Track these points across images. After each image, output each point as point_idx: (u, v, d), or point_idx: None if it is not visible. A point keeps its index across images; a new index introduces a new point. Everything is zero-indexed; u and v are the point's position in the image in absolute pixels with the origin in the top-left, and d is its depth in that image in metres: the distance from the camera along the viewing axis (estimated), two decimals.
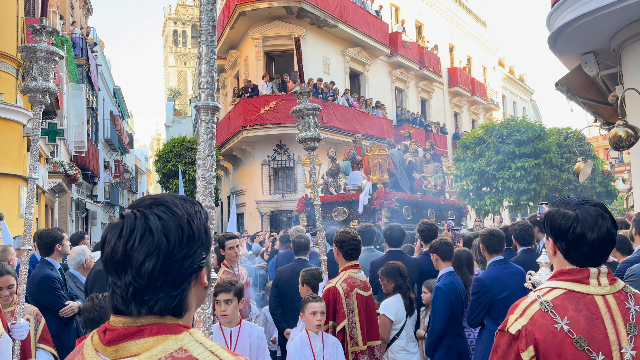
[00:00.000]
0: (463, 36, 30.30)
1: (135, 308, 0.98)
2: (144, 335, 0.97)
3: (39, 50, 2.74)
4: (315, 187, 3.92)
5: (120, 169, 32.92)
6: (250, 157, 18.63)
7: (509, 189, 16.45)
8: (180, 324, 1.02)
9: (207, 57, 1.82)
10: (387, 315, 3.98)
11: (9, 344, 2.67)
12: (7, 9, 10.29)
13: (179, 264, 1.00)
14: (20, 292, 2.82)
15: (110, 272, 1.00)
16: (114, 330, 0.99)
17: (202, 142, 1.79)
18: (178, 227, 1.01)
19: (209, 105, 1.80)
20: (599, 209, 1.63)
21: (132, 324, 0.99)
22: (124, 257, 0.97)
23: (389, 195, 10.04)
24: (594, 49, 7.16)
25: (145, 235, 0.98)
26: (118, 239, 0.99)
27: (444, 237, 4.36)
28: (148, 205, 1.03)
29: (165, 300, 0.99)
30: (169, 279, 0.99)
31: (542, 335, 1.52)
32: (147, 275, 0.97)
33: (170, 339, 0.98)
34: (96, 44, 23.07)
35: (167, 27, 78.45)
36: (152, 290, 0.98)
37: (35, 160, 2.92)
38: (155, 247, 0.97)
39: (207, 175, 1.80)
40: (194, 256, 1.03)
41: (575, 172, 8.23)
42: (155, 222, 0.99)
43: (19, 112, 10.04)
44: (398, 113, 23.13)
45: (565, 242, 1.62)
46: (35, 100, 2.82)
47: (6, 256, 3.99)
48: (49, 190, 14.61)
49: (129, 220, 1.00)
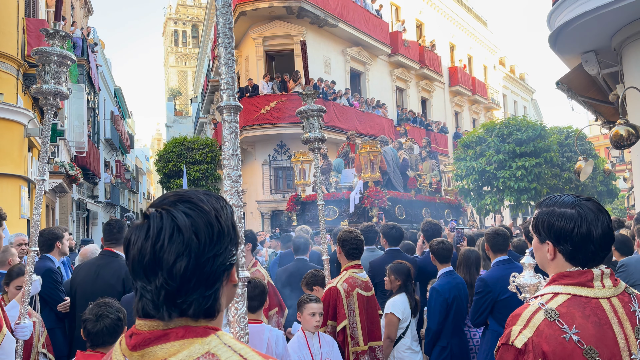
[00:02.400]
0: (463, 35, 30.28)
1: (167, 312, 0.93)
2: (170, 339, 0.93)
3: (52, 54, 2.77)
4: (318, 186, 3.91)
5: (121, 169, 32.95)
6: (250, 157, 18.63)
7: (510, 188, 16.44)
8: (209, 326, 0.97)
9: (225, 59, 1.87)
10: (394, 314, 3.99)
11: (12, 344, 2.69)
12: (8, 9, 10.30)
13: (211, 263, 0.95)
14: (25, 293, 2.84)
15: (139, 276, 0.95)
16: (139, 335, 0.95)
17: (227, 141, 1.83)
18: (207, 224, 0.96)
19: (231, 105, 1.84)
20: (596, 204, 1.55)
21: (158, 328, 0.94)
22: (152, 259, 0.92)
23: (380, 194, 9.83)
24: (594, 48, 7.16)
25: (174, 234, 0.93)
26: (145, 240, 0.93)
27: (443, 239, 4.37)
28: (172, 202, 0.98)
29: (200, 302, 0.95)
30: (202, 279, 0.95)
31: (550, 347, 1.40)
32: (179, 277, 0.92)
33: (197, 342, 0.93)
34: (96, 44, 23.09)
35: (167, 27, 78.42)
36: (185, 292, 0.93)
37: (45, 161, 2.95)
38: (186, 247, 0.92)
39: (233, 174, 1.82)
40: (225, 253, 0.99)
41: (576, 171, 8.23)
42: (183, 220, 0.94)
43: (19, 112, 10.04)
44: (399, 112, 23.12)
45: (571, 243, 1.51)
46: (47, 103, 2.85)
47: (7, 257, 3.99)
48: (50, 191, 14.62)
49: (155, 220, 0.95)
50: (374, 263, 4.89)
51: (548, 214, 1.56)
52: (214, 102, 27.06)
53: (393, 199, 10.43)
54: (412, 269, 4.21)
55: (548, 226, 1.56)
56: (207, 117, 31.17)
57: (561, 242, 1.53)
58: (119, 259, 3.86)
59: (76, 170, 16.09)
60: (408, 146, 13.25)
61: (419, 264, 4.92)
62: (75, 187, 18.87)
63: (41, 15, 13.44)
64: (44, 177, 2.91)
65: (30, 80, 11.19)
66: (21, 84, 10.85)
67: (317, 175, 3.78)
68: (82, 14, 23.98)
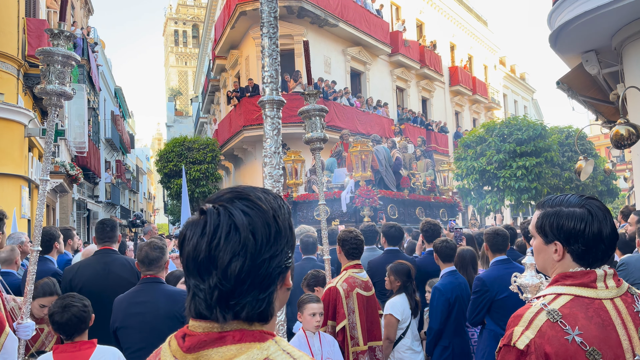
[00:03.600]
0: (464, 35, 30.26)
1: (221, 313, 0.90)
2: (226, 343, 0.89)
3: (57, 54, 2.77)
4: (320, 186, 3.91)
5: (121, 169, 32.96)
6: (251, 157, 18.63)
7: (510, 188, 16.44)
8: (265, 330, 0.93)
9: (269, 50, 1.76)
10: (393, 315, 3.98)
11: (14, 344, 2.68)
12: (8, 9, 10.30)
13: (267, 265, 0.91)
14: (27, 292, 2.82)
15: (192, 274, 0.91)
16: (193, 336, 0.91)
17: (268, 138, 1.72)
18: (265, 223, 0.92)
19: (274, 100, 1.73)
20: (601, 203, 1.53)
21: (213, 330, 0.90)
22: (207, 257, 0.89)
23: (371, 193, 9.73)
24: (595, 47, 7.15)
25: (230, 232, 0.89)
26: (201, 237, 0.90)
27: (447, 238, 4.37)
28: (229, 199, 0.94)
29: (253, 305, 0.91)
30: (257, 281, 0.91)
31: (553, 348, 1.39)
32: (233, 278, 0.88)
33: (255, 347, 0.89)
34: (97, 44, 23.09)
35: (167, 27, 78.44)
36: (238, 294, 0.90)
37: (48, 162, 2.95)
38: (242, 246, 0.89)
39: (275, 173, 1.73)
40: (281, 255, 0.94)
41: (576, 171, 8.23)
42: (240, 219, 0.90)
43: (20, 112, 10.05)
44: (399, 112, 23.11)
45: (582, 242, 1.48)
46: (51, 103, 2.84)
47: (14, 256, 3.98)
48: (51, 191, 14.63)
49: (212, 216, 0.91)
50: (372, 263, 4.88)
51: (555, 214, 1.53)
52: (214, 102, 27.06)
53: (385, 199, 10.32)
54: (413, 269, 4.21)
55: (557, 227, 1.52)
56: (207, 117, 31.17)
57: (572, 243, 1.50)
58: (120, 255, 3.97)
59: (77, 170, 16.10)
60: (402, 145, 13.09)
61: (418, 264, 4.92)
62: (76, 187, 18.88)
63: (42, 15, 13.44)
64: (47, 177, 2.91)
65: (30, 80, 11.20)
66: (21, 84, 10.85)
67: (318, 174, 3.77)
68: (82, 14, 23.98)
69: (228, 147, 19.21)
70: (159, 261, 3.24)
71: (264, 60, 1.73)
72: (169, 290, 3.23)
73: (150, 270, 3.24)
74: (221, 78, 23.71)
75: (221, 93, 23.89)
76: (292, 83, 17.28)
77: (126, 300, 3.15)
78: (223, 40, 20.08)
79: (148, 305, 3.11)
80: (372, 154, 10.45)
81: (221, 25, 20.32)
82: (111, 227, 3.94)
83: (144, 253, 3.23)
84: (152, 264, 3.23)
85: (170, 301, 3.14)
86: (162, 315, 3.09)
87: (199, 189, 18.25)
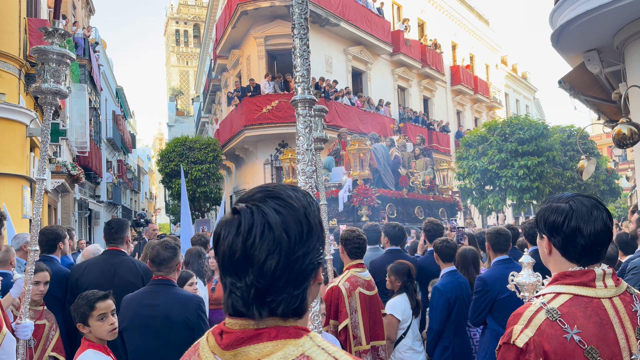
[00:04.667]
0: (465, 34, 30.22)
1: (257, 310, 0.92)
2: (263, 340, 0.91)
3: (51, 53, 2.75)
4: (321, 186, 3.91)
5: (122, 168, 32.98)
6: (252, 157, 18.63)
7: (512, 187, 16.42)
8: (300, 326, 0.96)
9: (300, 50, 1.83)
10: (394, 315, 3.98)
11: (12, 344, 2.67)
12: (10, 9, 10.31)
13: (301, 261, 0.94)
14: (26, 292, 2.82)
15: (229, 272, 0.94)
16: (231, 333, 0.94)
17: (301, 136, 1.77)
18: (297, 221, 0.94)
19: (306, 99, 1.79)
20: (593, 200, 1.57)
21: (249, 327, 0.93)
22: (243, 255, 0.91)
23: (369, 192, 9.67)
24: (597, 47, 7.13)
25: (265, 231, 0.91)
26: (236, 236, 0.92)
27: (448, 237, 4.36)
28: (261, 198, 0.96)
29: (288, 301, 0.93)
30: (292, 278, 0.93)
31: (551, 346, 1.42)
32: (269, 275, 0.91)
33: (291, 344, 0.91)
34: (98, 44, 23.10)
35: (169, 26, 78.51)
36: (274, 291, 0.92)
37: (45, 161, 2.93)
38: (277, 244, 0.91)
39: (307, 169, 1.76)
40: (313, 252, 0.97)
41: (578, 170, 8.21)
42: (274, 217, 0.92)
43: (21, 112, 10.06)
44: (400, 112, 23.09)
45: (561, 235, 1.54)
46: (46, 102, 2.83)
47: (9, 256, 3.98)
48: (52, 191, 14.64)
49: (246, 216, 0.93)
50: (374, 263, 4.87)
51: (545, 209, 1.61)
52: (216, 102, 27.07)
53: (383, 198, 10.26)
54: (413, 269, 4.20)
55: (544, 220, 1.60)
56: (208, 116, 31.18)
57: (553, 235, 1.57)
58: (128, 257, 3.93)
59: (78, 170, 16.11)
60: (401, 143, 13.03)
61: (420, 263, 4.91)
62: (77, 186, 18.90)
63: (43, 15, 13.45)
64: (44, 176, 2.89)
65: (32, 80, 11.20)
66: (23, 84, 10.86)
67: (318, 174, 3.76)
68: (83, 14, 24.00)
69: (229, 146, 19.22)
70: (170, 262, 3.12)
71: (295, 61, 1.82)
72: (180, 295, 3.10)
73: (160, 270, 3.11)
74: (222, 78, 23.72)
75: (222, 93, 23.90)
76: (293, 83, 17.26)
77: (135, 301, 3.05)
78: (224, 40, 20.09)
79: (158, 309, 2.99)
80: (370, 153, 10.39)
81: (222, 25, 20.33)
82: (117, 229, 3.89)
83: (155, 252, 3.12)
84: (163, 264, 3.10)
85: (181, 307, 3.01)
86: (172, 320, 2.98)
87: (200, 188, 18.25)
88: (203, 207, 19.21)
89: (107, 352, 2.70)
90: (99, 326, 2.66)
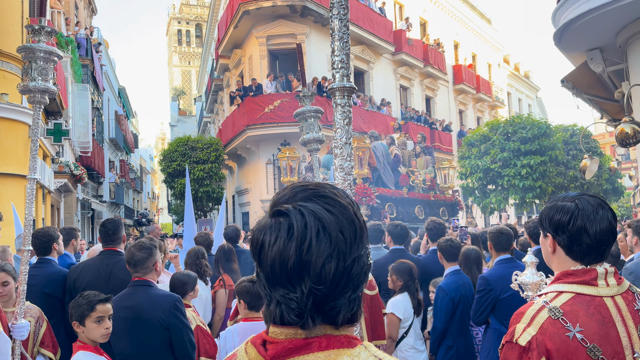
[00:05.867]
0: (468, 33, 30.17)
1: (311, 319, 0.84)
2: (313, 350, 0.84)
3: (38, 50, 2.72)
4: None
5: (125, 168, 33.05)
6: (254, 156, 18.64)
7: (515, 186, 16.40)
8: (351, 335, 0.88)
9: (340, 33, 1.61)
10: (395, 314, 3.97)
11: (7, 344, 2.66)
12: (12, 9, 10.33)
13: (357, 263, 0.86)
14: (21, 293, 2.78)
15: (279, 283, 0.85)
16: (277, 343, 0.86)
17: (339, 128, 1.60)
18: (350, 220, 0.87)
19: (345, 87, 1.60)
20: (598, 200, 1.57)
21: (297, 336, 0.85)
22: (298, 262, 0.82)
23: (368, 191, 9.53)
24: (599, 45, 7.11)
25: (320, 233, 0.83)
26: (288, 241, 0.83)
27: (451, 236, 4.35)
28: (307, 198, 0.87)
29: (347, 307, 0.86)
30: (349, 282, 0.86)
31: (554, 345, 1.42)
32: (329, 281, 0.83)
33: (345, 354, 0.84)
34: (100, 44, 23.14)
35: (171, 26, 78.58)
36: (333, 298, 0.84)
37: (35, 159, 2.88)
38: (334, 247, 0.83)
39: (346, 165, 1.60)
40: (365, 252, 0.89)
41: (581, 170, 8.19)
42: (327, 217, 0.84)
43: (24, 112, 10.08)
44: (402, 111, 23.07)
45: (567, 234, 1.53)
46: (34, 101, 2.80)
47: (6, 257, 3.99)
48: (55, 191, 14.67)
49: (297, 217, 0.84)
50: (377, 262, 4.86)
51: (550, 207, 1.61)
52: (218, 102, 27.09)
53: (383, 197, 10.11)
54: (415, 268, 4.19)
55: (549, 219, 1.60)
56: (211, 116, 31.22)
57: (558, 234, 1.56)
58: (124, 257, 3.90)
59: (81, 170, 16.14)
60: (401, 142, 12.81)
61: (423, 263, 4.90)
62: (80, 186, 18.94)
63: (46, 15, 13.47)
64: (35, 175, 2.85)
65: None
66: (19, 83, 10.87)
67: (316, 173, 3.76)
68: (86, 14, 24.05)
69: (231, 146, 19.23)
70: (145, 262, 3.10)
71: (333, 44, 1.60)
72: (153, 295, 3.09)
73: (137, 272, 3.11)
74: (224, 77, 23.73)
75: (225, 92, 23.91)
76: (295, 82, 17.28)
77: (115, 304, 3.01)
78: (226, 39, 20.09)
79: (133, 310, 3.00)
80: (369, 151, 10.22)
81: (224, 25, 20.34)
82: (113, 230, 3.89)
83: (130, 254, 3.12)
84: (138, 266, 3.10)
85: (152, 306, 3.01)
86: (145, 321, 2.97)
87: (203, 188, 18.27)
88: (205, 207, 19.23)
89: (100, 353, 2.70)
90: (94, 328, 2.67)
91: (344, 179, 1.61)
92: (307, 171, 10.86)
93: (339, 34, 1.60)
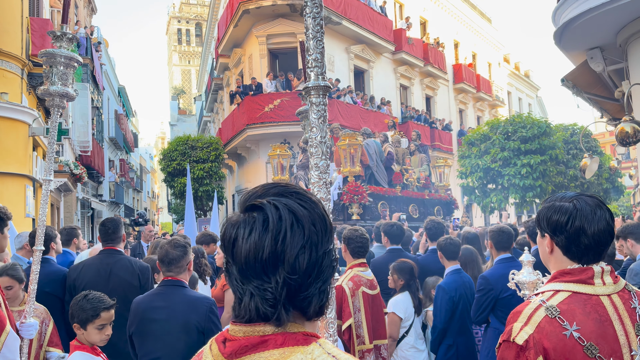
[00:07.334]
0: (468, 32, 30.15)
1: (285, 310, 0.87)
2: (268, 347, 0.86)
3: (59, 56, 2.79)
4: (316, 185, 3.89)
5: (125, 167, 33.05)
6: (254, 156, 18.64)
7: (515, 185, 16.39)
8: (307, 332, 0.90)
9: (313, 32, 1.61)
10: (396, 313, 3.97)
11: (16, 342, 2.67)
12: (12, 9, 10.33)
13: (327, 256, 0.91)
14: (31, 292, 2.82)
15: (253, 275, 0.88)
16: (234, 341, 0.88)
17: (314, 127, 1.59)
18: (320, 215, 0.92)
19: (320, 86, 1.60)
20: (596, 200, 1.57)
21: (253, 334, 0.88)
22: (273, 252, 0.86)
23: (360, 189, 9.36)
24: (600, 45, 7.11)
25: (294, 225, 0.88)
26: (264, 233, 0.87)
27: (451, 236, 4.34)
28: (279, 193, 0.92)
29: (317, 298, 0.90)
30: (320, 274, 0.90)
31: (551, 343, 1.42)
32: (302, 271, 0.87)
33: (298, 351, 0.86)
34: (100, 43, 23.13)
35: (171, 25, 78.53)
36: (305, 288, 0.88)
37: (51, 161, 2.97)
38: (307, 238, 0.88)
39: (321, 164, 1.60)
40: (333, 247, 0.94)
41: (581, 169, 8.19)
42: (301, 211, 0.89)
43: (24, 111, 10.08)
44: (402, 110, 23.06)
45: (565, 235, 1.53)
46: (53, 104, 2.87)
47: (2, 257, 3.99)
48: (55, 190, 14.67)
49: (272, 211, 0.88)
50: (375, 262, 4.87)
51: (548, 208, 1.61)
52: (218, 101, 27.08)
53: (375, 195, 9.94)
54: (416, 267, 4.19)
55: (547, 219, 1.60)
56: (211, 115, 31.20)
57: (556, 234, 1.57)
58: (124, 255, 3.94)
59: (80, 169, 16.14)
60: (395, 139, 12.53)
61: (421, 262, 4.90)
62: (80, 186, 18.94)
63: (45, 14, 13.47)
64: (50, 177, 2.92)
65: (34, 80, 11.22)
66: (26, 83, 10.88)
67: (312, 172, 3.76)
68: (85, 13, 24.03)
69: (231, 145, 19.23)
70: (180, 261, 2.94)
71: (307, 43, 1.60)
72: (191, 297, 2.92)
73: (170, 271, 2.94)
74: (224, 76, 23.72)
75: (224, 91, 23.91)
76: (295, 81, 17.27)
77: (144, 303, 2.91)
78: (226, 38, 20.08)
79: (166, 311, 2.83)
80: (361, 148, 10.01)
81: (224, 24, 20.33)
82: (113, 229, 3.90)
83: (164, 251, 2.94)
84: (172, 264, 2.92)
85: (189, 309, 2.84)
86: (182, 324, 2.80)
87: (203, 187, 18.27)
88: (205, 206, 19.24)
89: (97, 353, 2.70)
90: (95, 333, 2.66)
91: (319, 177, 1.60)
92: (298, 169, 10.70)
93: (312, 33, 1.61)
